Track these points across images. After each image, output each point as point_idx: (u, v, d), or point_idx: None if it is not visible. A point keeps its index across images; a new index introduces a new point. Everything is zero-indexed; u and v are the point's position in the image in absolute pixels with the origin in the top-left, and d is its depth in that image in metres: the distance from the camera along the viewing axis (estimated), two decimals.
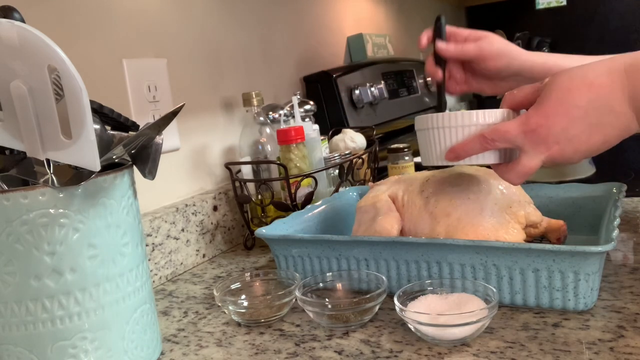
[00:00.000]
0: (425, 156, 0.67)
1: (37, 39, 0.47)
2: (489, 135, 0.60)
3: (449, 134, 0.63)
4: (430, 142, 0.65)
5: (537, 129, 0.57)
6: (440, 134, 0.63)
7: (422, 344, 0.58)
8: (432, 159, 0.65)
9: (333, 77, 1.40)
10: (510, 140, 0.59)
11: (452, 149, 0.63)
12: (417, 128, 0.68)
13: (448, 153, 0.63)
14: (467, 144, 0.61)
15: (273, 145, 1.04)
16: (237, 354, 0.62)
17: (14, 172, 0.56)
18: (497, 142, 0.60)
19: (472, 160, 0.62)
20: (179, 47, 1.00)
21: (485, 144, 0.60)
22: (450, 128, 0.63)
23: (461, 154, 0.62)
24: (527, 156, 0.58)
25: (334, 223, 0.89)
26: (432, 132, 0.64)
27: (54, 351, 0.53)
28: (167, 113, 0.56)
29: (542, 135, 0.57)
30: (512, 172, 0.60)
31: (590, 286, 0.59)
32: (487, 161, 0.62)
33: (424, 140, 0.66)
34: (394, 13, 2.04)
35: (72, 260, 0.53)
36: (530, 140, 0.57)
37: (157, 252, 0.88)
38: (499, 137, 0.59)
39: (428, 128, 0.65)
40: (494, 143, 0.60)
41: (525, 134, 0.57)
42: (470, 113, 0.62)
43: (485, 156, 0.62)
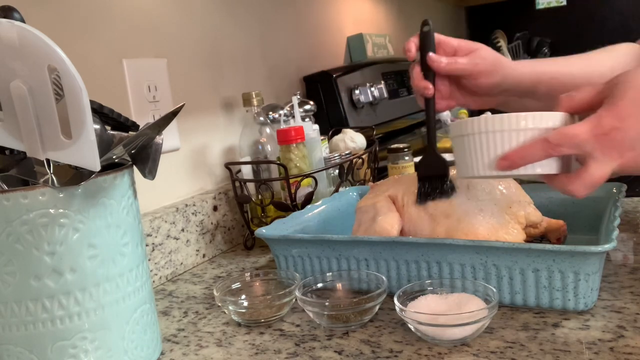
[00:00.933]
0: (466, 166, 0.57)
1: (37, 39, 0.47)
2: (553, 139, 0.52)
3: (500, 140, 0.54)
4: (475, 149, 0.56)
5: (610, 133, 0.50)
6: (489, 139, 0.54)
7: (422, 344, 0.58)
8: (476, 169, 0.56)
9: (333, 77, 1.40)
10: (579, 146, 0.52)
11: (506, 155, 0.54)
12: (457, 134, 0.58)
13: (500, 161, 0.55)
14: (526, 150, 0.53)
15: (273, 145, 1.04)
16: (237, 354, 0.62)
17: (14, 172, 0.56)
18: (562, 148, 0.52)
19: (527, 170, 0.54)
20: (179, 47, 1.00)
21: (549, 149, 0.52)
22: (502, 132, 0.54)
23: (517, 162, 0.54)
24: (596, 163, 0.52)
25: (334, 223, 0.89)
26: (479, 137, 0.55)
27: (54, 351, 0.53)
28: (167, 113, 0.56)
29: (617, 139, 0.50)
30: (578, 182, 0.53)
31: (590, 286, 0.59)
32: (545, 170, 0.54)
33: (465, 147, 0.57)
34: (394, 13, 2.04)
35: (72, 260, 0.53)
36: (602, 145, 0.51)
37: (157, 252, 0.88)
38: (566, 141, 0.51)
39: (473, 133, 0.55)
40: (559, 149, 0.52)
41: (596, 138, 0.51)
42: (525, 115, 0.54)
43: (544, 165, 0.54)
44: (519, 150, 0.54)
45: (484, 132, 0.55)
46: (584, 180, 0.53)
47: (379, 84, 1.56)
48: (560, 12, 2.63)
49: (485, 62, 0.72)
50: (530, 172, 0.54)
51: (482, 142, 0.55)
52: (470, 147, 0.56)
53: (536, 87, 0.75)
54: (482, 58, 0.72)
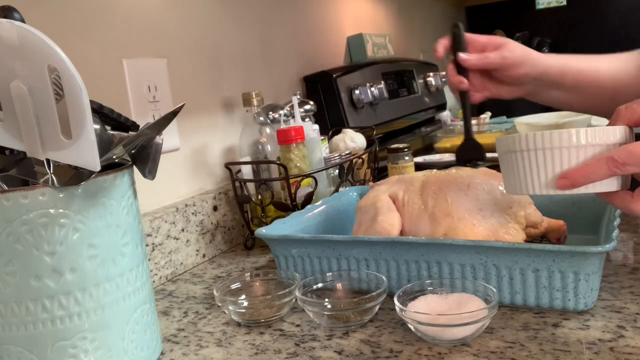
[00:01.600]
0: (519, 183, 0.55)
1: (37, 39, 0.47)
2: (619, 158, 0.49)
3: (558, 157, 0.51)
4: (530, 166, 0.53)
5: None
6: (546, 156, 0.52)
7: (422, 344, 0.58)
8: (531, 187, 0.54)
9: (333, 77, 1.40)
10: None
11: (567, 174, 0.51)
12: (507, 150, 0.55)
13: (560, 180, 0.52)
14: (589, 168, 0.50)
15: (273, 145, 1.04)
16: (237, 354, 0.62)
17: (14, 172, 0.56)
18: (629, 166, 0.49)
19: (588, 189, 0.51)
20: (179, 47, 1.00)
21: (614, 167, 0.49)
22: (561, 149, 0.51)
23: (579, 180, 0.51)
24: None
25: (334, 223, 0.89)
26: (534, 154, 0.52)
27: (54, 351, 0.53)
28: (167, 113, 0.56)
29: None
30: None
31: (590, 286, 0.59)
32: (608, 189, 0.52)
33: (519, 164, 0.54)
34: (394, 13, 2.04)
35: (72, 260, 0.53)
36: None
37: (157, 252, 0.88)
38: (633, 159, 0.49)
39: (528, 149, 0.53)
40: (625, 167, 0.49)
41: None
42: (585, 131, 0.51)
43: (606, 183, 0.51)
44: (582, 169, 0.51)
45: (541, 148, 0.52)
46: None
47: (379, 84, 1.56)
48: (560, 12, 2.63)
49: (514, 54, 0.77)
50: (591, 190, 0.52)
51: (539, 159, 0.52)
52: (524, 164, 0.53)
53: (563, 78, 0.80)
54: (510, 51, 0.78)
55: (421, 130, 1.92)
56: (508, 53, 0.77)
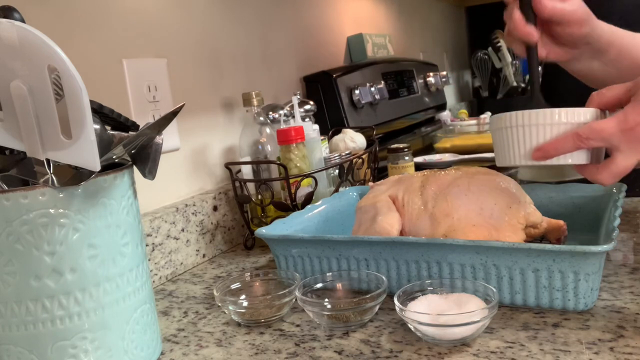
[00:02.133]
0: (505, 156, 0.64)
1: (37, 39, 0.47)
2: (583, 133, 0.57)
3: (535, 133, 0.60)
4: (512, 140, 0.62)
5: (635, 128, 0.55)
6: (525, 132, 0.61)
7: (422, 344, 0.58)
8: (513, 158, 0.62)
9: (333, 77, 1.40)
10: (606, 139, 0.57)
11: (541, 147, 0.60)
12: (496, 127, 0.64)
13: (535, 152, 0.61)
14: (559, 142, 0.59)
15: (273, 145, 1.04)
16: (237, 354, 0.62)
17: (14, 172, 0.56)
18: (591, 141, 0.58)
19: (560, 160, 0.60)
20: (179, 47, 1.00)
21: (579, 142, 0.58)
22: (537, 126, 0.60)
23: (551, 152, 0.60)
24: (622, 156, 0.57)
25: (334, 223, 0.89)
26: (516, 130, 0.61)
27: (54, 351, 0.53)
28: (167, 113, 0.56)
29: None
30: (605, 172, 0.58)
31: (590, 286, 0.59)
32: (576, 161, 0.60)
33: (504, 139, 0.63)
34: (394, 13, 2.04)
35: (72, 260, 0.53)
36: (627, 139, 0.56)
37: (157, 252, 0.88)
38: (595, 135, 0.57)
39: (511, 126, 0.62)
40: (588, 142, 0.58)
41: (622, 132, 0.56)
42: (559, 111, 0.59)
43: (574, 156, 0.60)
44: (553, 143, 0.59)
45: (521, 125, 0.61)
46: (610, 170, 0.58)
47: (379, 84, 1.56)
48: None
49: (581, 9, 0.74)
50: (563, 162, 0.60)
51: (519, 135, 0.61)
52: (508, 138, 0.62)
53: (608, 48, 0.78)
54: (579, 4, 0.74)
55: (421, 130, 1.92)
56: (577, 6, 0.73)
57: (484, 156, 1.49)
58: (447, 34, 2.67)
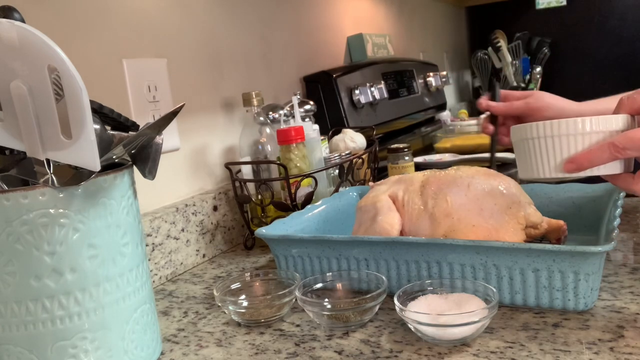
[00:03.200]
0: (531, 168, 0.61)
1: (37, 39, 0.47)
2: (620, 143, 0.55)
3: (566, 143, 0.57)
4: (540, 152, 0.59)
5: None
6: (555, 143, 0.58)
7: (422, 344, 0.58)
8: (542, 171, 0.59)
9: (333, 77, 1.40)
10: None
11: (573, 158, 0.57)
12: (520, 138, 0.61)
13: (568, 164, 0.58)
14: (593, 153, 0.56)
15: (273, 145, 1.04)
16: (237, 354, 0.62)
17: (14, 172, 0.56)
18: (629, 151, 0.55)
19: (593, 172, 0.57)
20: (179, 47, 1.00)
21: (615, 152, 0.55)
22: (568, 136, 0.57)
23: (584, 164, 0.57)
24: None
25: (334, 223, 0.89)
26: (544, 141, 0.58)
27: (54, 351, 0.53)
28: (167, 113, 0.56)
29: None
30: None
31: (590, 286, 0.59)
32: (611, 171, 0.57)
33: (530, 150, 0.60)
34: (394, 13, 2.04)
35: (72, 260, 0.53)
36: None
37: (157, 252, 0.88)
38: (633, 145, 0.54)
39: (538, 137, 0.59)
40: (625, 152, 0.55)
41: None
42: (590, 120, 0.57)
43: (609, 166, 0.57)
44: (586, 154, 0.57)
45: (550, 135, 0.58)
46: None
47: (379, 84, 1.56)
48: (560, 12, 2.63)
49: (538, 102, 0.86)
50: (596, 173, 0.57)
51: (548, 146, 0.58)
52: (535, 150, 0.59)
53: None
54: (536, 99, 0.86)
55: (421, 130, 1.92)
56: (532, 100, 0.86)
57: (484, 156, 1.49)
58: (447, 34, 2.67)
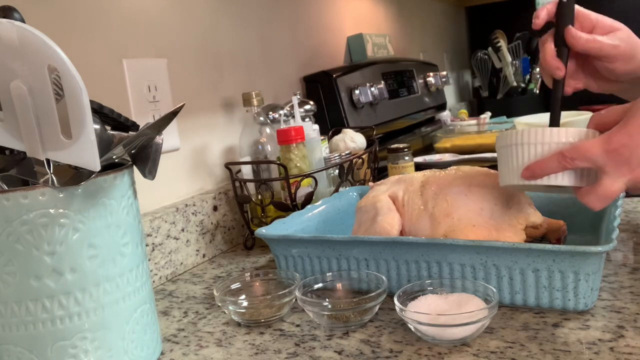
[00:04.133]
0: (503, 174, 0.63)
1: (37, 39, 0.47)
2: (568, 153, 0.55)
3: (527, 151, 0.59)
4: (508, 159, 0.61)
5: (619, 149, 0.53)
6: (518, 151, 0.60)
7: (422, 344, 0.58)
8: (508, 178, 0.62)
9: (333, 77, 1.40)
10: (591, 160, 0.55)
11: (529, 166, 0.58)
12: (498, 145, 0.63)
13: (524, 171, 0.59)
14: (545, 162, 0.57)
15: (273, 145, 1.04)
16: (237, 354, 0.62)
17: (14, 172, 0.56)
18: (576, 161, 0.55)
19: (550, 181, 0.58)
20: (179, 47, 1.00)
21: (563, 162, 0.56)
22: (529, 145, 0.59)
23: (537, 172, 0.58)
24: (609, 178, 0.55)
25: (334, 223, 0.89)
26: (511, 149, 0.60)
27: (54, 351, 0.53)
28: (167, 113, 0.56)
29: (625, 155, 0.53)
30: (593, 195, 0.56)
31: (590, 286, 0.59)
32: (566, 182, 0.58)
33: (502, 157, 0.62)
34: (394, 13, 2.04)
35: (72, 260, 0.53)
36: (612, 160, 0.54)
37: (157, 252, 0.88)
38: (579, 155, 0.55)
39: (507, 145, 0.61)
40: (573, 162, 0.55)
41: (607, 153, 0.54)
42: (552, 130, 0.58)
43: (565, 176, 0.58)
44: (540, 162, 0.58)
45: (516, 144, 0.60)
46: (598, 193, 0.56)
47: (379, 84, 1.56)
48: None
49: (626, 45, 0.67)
50: (553, 182, 0.58)
51: (514, 153, 0.60)
52: (505, 157, 0.62)
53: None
54: (623, 40, 0.67)
55: (421, 130, 1.92)
56: (620, 42, 0.66)
57: (484, 156, 1.49)
58: (447, 34, 2.67)
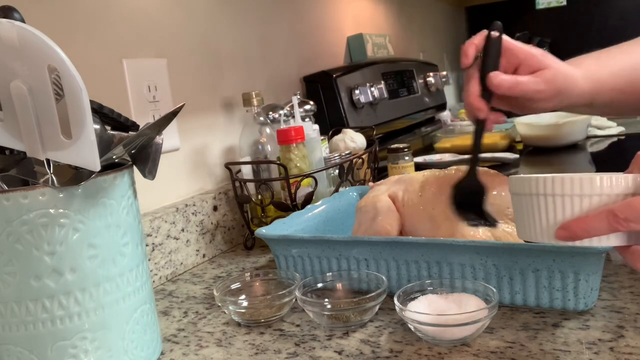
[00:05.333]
0: (524, 228, 0.50)
1: (37, 39, 0.47)
2: (621, 213, 0.43)
3: (561, 205, 0.47)
4: (533, 212, 0.49)
5: None
6: (548, 203, 0.47)
7: (422, 344, 0.58)
8: (534, 234, 0.49)
9: (333, 77, 1.40)
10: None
11: (567, 225, 0.46)
12: (515, 192, 0.51)
13: (560, 230, 0.46)
14: (589, 222, 0.45)
15: (273, 145, 1.04)
16: (237, 354, 0.62)
17: (14, 172, 0.56)
18: (631, 223, 0.43)
19: (593, 242, 0.46)
20: (179, 47, 1.00)
21: (615, 224, 0.43)
22: (563, 197, 0.46)
23: (579, 234, 0.45)
24: None
25: (334, 223, 0.89)
26: (537, 199, 0.48)
27: (54, 351, 0.53)
28: (167, 113, 0.56)
29: None
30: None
31: (590, 286, 0.59)
32: (612, 244, 0.46)
33: (524, 208, 0.50)
34: (394, 13, 2.04)
35: (72, 260, 0.53)
36: None
37: (157, 252, 0.88)
38: (636, 216, 0.43)
39: (531, 194, 0.49)
40: (627, 224, 0.43)
41: None
42: (592, 178, 0.45)
43: (611, 238, 0.45)
44: (581, 222, 0.45)
45: (544, 194, 0.48)
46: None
47: (379, 84, 1.56)
48: (560, 12, 2.63)
49: (550, 87, 0.64)
50: (596, 244, 0.46)
51: (542, 206, 0.48)
52: (529, 208, 0.49)
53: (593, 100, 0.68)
54: (548, 82, 0.64)
55: (421, 130, 1.92)
56: (545, 85, 0.64)
57: (484, 156, 1.49)
58: (447, 34, 2.67)
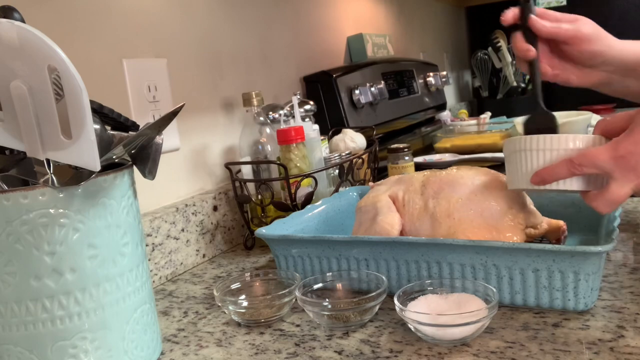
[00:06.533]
0: (511, 179, 0.65)
1: (37, 39, 0.47)
2: (576, 160, 0.58)
3: (536, 157, 0.61)
4: (517, 164, 0.63)
5: (626, 156, 0.55)
6: (527, 156, 0.62)
7: (422, 344, 0.58)
8: (517, 182, 0.64)
9: (333, 77, 1.40)
10: (598, 166, 0.57)
11: (538, 172, 0.61)
12: (506, 150, 0.65)
13: (534, 176, 0.61)
14: (554, 168, 0.60)
15: (273, 145, 1.04)
16: (237, 354, 0.62)
17: (14, 172, 0.56)
18: (584, 167, 0.57)
19: (560, 186, 0.60)
20: (179, 47, 1.00)
21: (572, 168, 0.58)
22: (537, 151, 0.61)
23: (547, 178, 0.60)
24: (616, 184, 0.57)
25: (334, 223, 0.89)
26: (520, 154, 0.62)
27: (54, 351, 0.53)
28: (167, 113, 0.56)
29: (632, 162, 0.55)
30: (601, 200, 0.58)
31: (590, 286, 0.59)
32: (575, 187, 0.60)
33: (511, 162, 0.65)
34: (394, 13, 2.04)
35: (72, 260, 0.53)
36: (619, 167, 0.56)
37: (157, 252, 0.88)
38: (587, 162, 0.57)
39: (517, 150, 0.63)
40: (581, 168, 0.58)
41: (614, 160, 0.56)
42: (560, 137, 0.60)
43: (573, 182, 0.60)
44: (549, 168, 0.60)
45: (525, 150, 0.62)
46: (605, 198, 0.58)
47: (379, 84, 1.56)
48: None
49: (587, 27, 0.73)
50: (562, 187, 0.60)
51: (522, 159, 0.62)
52: (514, 162, 0.64)
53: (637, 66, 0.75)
54: (584, 25, 0.73)
55: (421, 130, 1.92)
56: (582, 26, 0.73)
57: (484, 156, 1.49)
58: (447, 34, 2.67)
